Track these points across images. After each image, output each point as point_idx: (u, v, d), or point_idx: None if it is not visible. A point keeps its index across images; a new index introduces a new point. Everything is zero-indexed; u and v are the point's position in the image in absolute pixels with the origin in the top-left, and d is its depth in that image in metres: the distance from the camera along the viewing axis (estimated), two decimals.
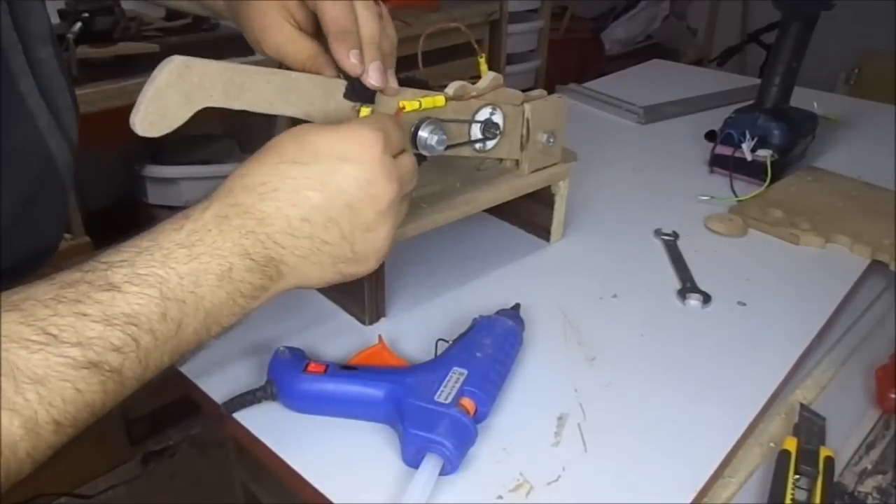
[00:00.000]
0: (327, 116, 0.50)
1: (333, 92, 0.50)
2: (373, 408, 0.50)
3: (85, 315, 0.34)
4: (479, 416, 0.50)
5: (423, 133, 0.55)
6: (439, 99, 0.55)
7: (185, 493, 1.50)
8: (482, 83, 0.61)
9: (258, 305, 0.43)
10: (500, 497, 0.46)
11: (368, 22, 0.49)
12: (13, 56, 0.44)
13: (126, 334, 0.36)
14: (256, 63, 1.42)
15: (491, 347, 0.53)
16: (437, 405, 0.48)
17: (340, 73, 0.50)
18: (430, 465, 0.45)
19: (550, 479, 0.48)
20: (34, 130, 0.47)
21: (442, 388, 0.49)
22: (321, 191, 0.42)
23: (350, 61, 0.48)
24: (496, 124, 0.62)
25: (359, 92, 0.50)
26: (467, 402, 0.49)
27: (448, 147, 0.57)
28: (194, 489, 1.51)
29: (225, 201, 0.41)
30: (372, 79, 0.50)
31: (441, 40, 1.78)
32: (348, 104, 0.51)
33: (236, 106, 0.45)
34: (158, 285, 0.37)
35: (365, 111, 0.51)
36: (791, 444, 0.52)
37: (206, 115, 0.43)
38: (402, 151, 0.47)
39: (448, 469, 0.46)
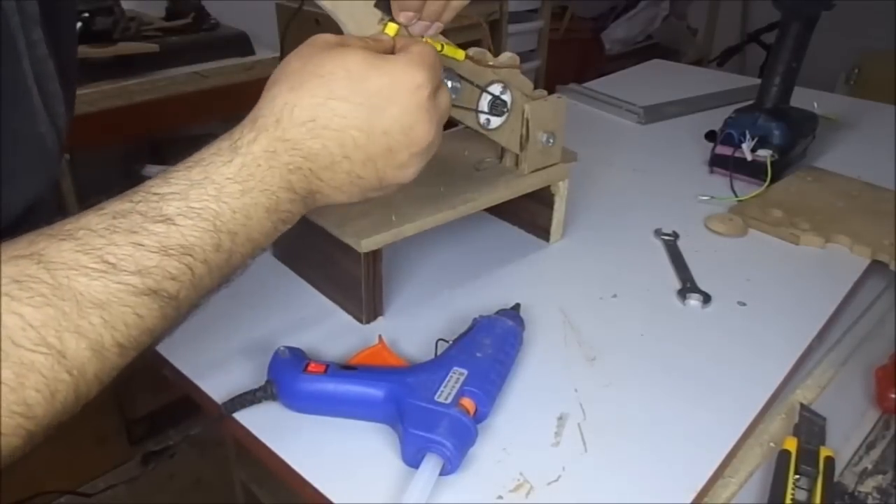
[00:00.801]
0: (351, 15, 0.49)
1: None
2: (373, 408, 0.50)
3: (142, 245, 0.36)
4: (479, 416, 0.50)
5: None
6: (460, 52, 0.56)
7: (185, 493, 1.50)
8: (500, 58, 0.61)
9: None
10: (500, 497, 0.46)
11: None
12: (18, 37, 0.44)
13: (182, 264, 0.37)
14: (255, 62, 1.42)
15: (491, 347, 0.53)
16: (437, 405, 0.48)
17: None
18: (430, 465, 0.45)
19: (550, 479, 0.48)
20: (31, 109, 0.47)
21: (442, 388, 0.49)
22: (366, 132, 0.43)
23: (401, 17, 0.50)
24: (504, 102, 0.62)
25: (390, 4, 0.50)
26: (467, 402, 0.49)
27: (456, 106, 0.57)
28: (194, 489, 1.51)
29: (274, 134, 0.41)
30: (415, 30, 0.51)
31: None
32: (376, 12, 0.50)
33: None
34: (212, 219, 0.38)
35: (392, 27, 0.50)
36: (791, 444, 0.52)
37: (207, 116, 0.43)
38: (440, 87, 0.47)
39: (448, 469, 0.46)
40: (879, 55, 2.58)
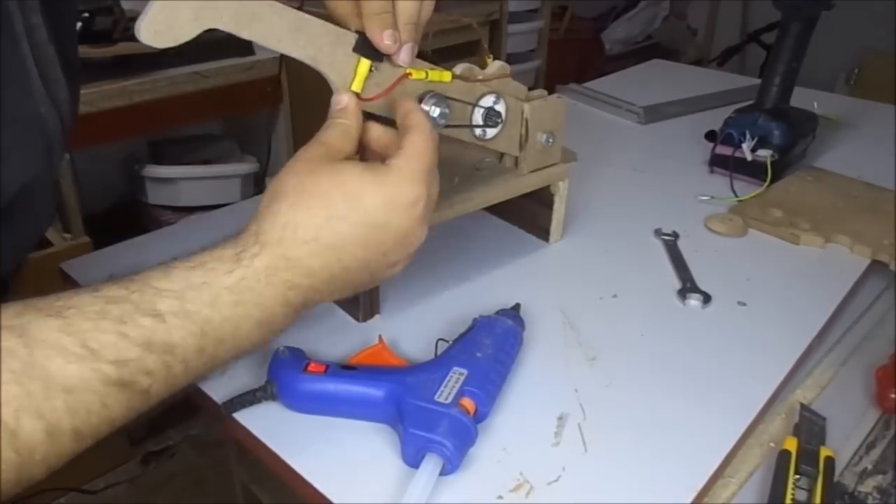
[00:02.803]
0: (332, 65, 0.49)
1: (343, 43, 0.49)
2: (373, 408, 0.50)
3: (127, 336, 0.36)
4: (480, 416, 0.50)
5: (425, 106, 0.54)
6: (446, 74, 0.55)
7: (185, 493, 1.50)
8: (490, 69, 0.61)
9: None
10: (500, 497, 0.46)
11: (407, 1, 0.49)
12: (16, 20, 0.44)
13: (161, 361, 0.37)
14: (255, 62, 1.42)
15: (491, 347, 0.53)
16: (437, 405, 0.48)
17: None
18: (430, 465, 0.45)
19: (550, 479, 0.48)
20: (29, 91, 0.47)
21: (442, 388, 0.49)
22: (366, 249, 0.45)
23: (385, 42, 0.48)
24: (498, 113, 0.62)
25: (369, 48, 0.50)
26: (467, 402, 0.49)
27: (448, 126, 0.57)
28: (194, 489, 1.51)
29: (276, 251, 0.42)
30: (402, 60, 0.50)
31: (440, 40, 1.78)
32: (356, 57, 0.50)
33: (245, 35, 0.45)
34: (202, 324, 0.39)
35: (364, 63, 0.50)
36: (791, 444, 0.52)
37: (207, 116, 0.43)
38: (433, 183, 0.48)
39: (448, 469, 0.46)
40: (879, 55, 2.58)
